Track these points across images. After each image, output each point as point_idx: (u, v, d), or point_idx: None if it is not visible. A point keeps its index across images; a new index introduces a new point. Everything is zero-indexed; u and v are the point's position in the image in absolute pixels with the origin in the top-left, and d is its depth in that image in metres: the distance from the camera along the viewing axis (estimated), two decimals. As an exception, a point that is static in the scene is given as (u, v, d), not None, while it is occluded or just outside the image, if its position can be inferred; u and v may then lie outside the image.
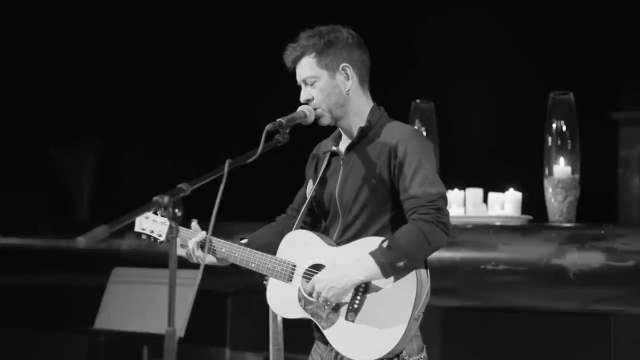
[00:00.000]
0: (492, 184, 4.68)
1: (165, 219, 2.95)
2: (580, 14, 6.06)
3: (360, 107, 2.80)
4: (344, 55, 2.77)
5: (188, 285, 2.55)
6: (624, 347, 4.35)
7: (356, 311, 2.62)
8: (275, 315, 2.87)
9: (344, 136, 2.87)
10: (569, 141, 4.60)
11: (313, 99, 2.78)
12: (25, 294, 6.48)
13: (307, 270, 2.73)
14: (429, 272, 2.66)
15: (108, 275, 5.29)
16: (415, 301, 2.57)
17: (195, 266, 2.77)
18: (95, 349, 5.67)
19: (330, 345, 2.71)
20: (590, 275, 3.91)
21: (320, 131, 2.89)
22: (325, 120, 2.80)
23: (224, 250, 2.85)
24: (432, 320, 4.70)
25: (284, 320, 2.87)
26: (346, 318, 2.63)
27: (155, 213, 2.96)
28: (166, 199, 2.29)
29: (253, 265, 2.80)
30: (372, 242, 2.64)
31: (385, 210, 2.70)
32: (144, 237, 3.01)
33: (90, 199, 7.47)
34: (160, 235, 2.98)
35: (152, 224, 2.99)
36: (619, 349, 4.33)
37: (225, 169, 2.52)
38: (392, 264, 2.54)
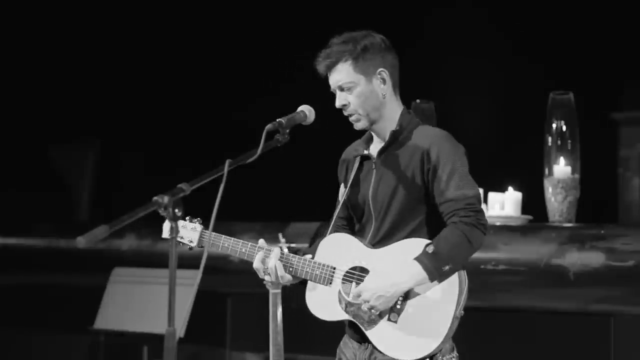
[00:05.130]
0: (492, 184, 4.67)
1: (194, 225, 2.96)
2: (580, 13, 6.05)
3: (393, 111, 2.82)
4: (379, 60, 2.79)
5: (188, 285, 2.55)
6: (624, 347, 4.34)
7: (398, 312, 2.65)
8: (275, 315, 2.89)
9: (375, 139, 2.87)
10: (569, 141, 4.60)
11: (349, 104, 2.79)
12: (25, 294, 6.47)
13: (347, 272, 2.75)
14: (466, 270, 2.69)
15: (108, 275, 5.30)
16: (458, 299, 2.62)
17: (195, 266, 2.78)
18: (95, 349, 5.67)
19: (366, 344, 2.73)
20: (590, 275, 3.91)
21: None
22: (361, 125, 2.81)
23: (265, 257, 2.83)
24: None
25: (284, 320, 2.88)
26: (388, 319, 2.65)
27: (184, 219, 2.96)
28: (166, 198, 2.30)
29: (291, 269, 2.81)
30: (413, 245, 2.65)
31: (417, 212, 2.72)
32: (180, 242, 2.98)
33: (90, 199, 7.46)
34: (191, 242, 2.96)
35: (181, 230, 2.97)
36: (619, 349, 4.33)
37: (225, 169, 2.53)
38: (438, 269, 2.58)
